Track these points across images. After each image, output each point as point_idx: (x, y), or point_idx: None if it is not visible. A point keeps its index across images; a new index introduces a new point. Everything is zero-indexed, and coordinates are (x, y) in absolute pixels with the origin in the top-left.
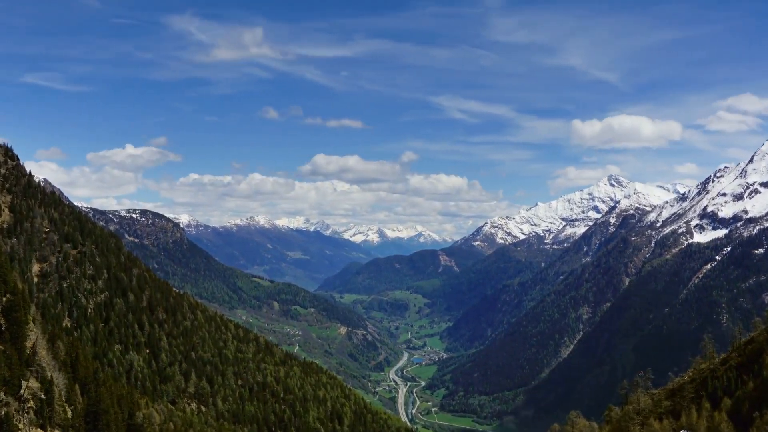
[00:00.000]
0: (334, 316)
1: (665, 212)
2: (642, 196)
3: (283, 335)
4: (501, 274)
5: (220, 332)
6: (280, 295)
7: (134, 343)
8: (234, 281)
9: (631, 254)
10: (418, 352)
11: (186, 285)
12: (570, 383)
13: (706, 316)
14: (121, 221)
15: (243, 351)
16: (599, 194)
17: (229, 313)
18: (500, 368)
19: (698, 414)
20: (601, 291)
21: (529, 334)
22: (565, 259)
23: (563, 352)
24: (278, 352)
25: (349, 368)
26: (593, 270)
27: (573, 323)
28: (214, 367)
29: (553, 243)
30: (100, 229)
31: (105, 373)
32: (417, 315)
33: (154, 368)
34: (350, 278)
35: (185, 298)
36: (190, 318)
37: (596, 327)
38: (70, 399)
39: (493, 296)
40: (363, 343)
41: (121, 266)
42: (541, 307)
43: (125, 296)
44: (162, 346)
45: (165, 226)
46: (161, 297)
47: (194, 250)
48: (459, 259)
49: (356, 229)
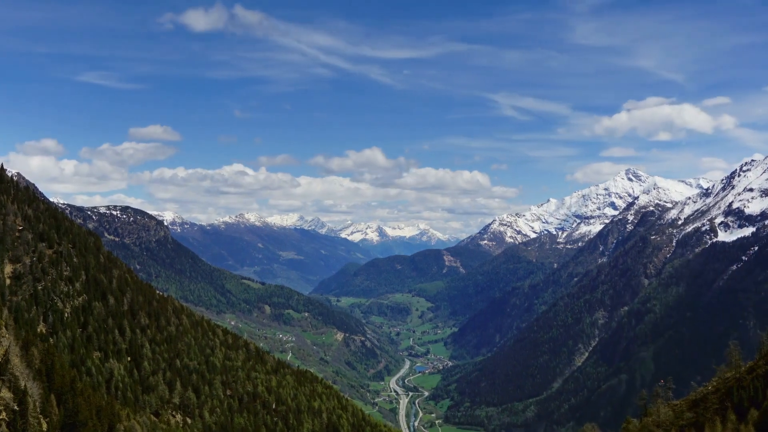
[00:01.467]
0: (330, 321)
1: (687, 209)
2: (662, 192)
3: (275, 342)
4: (510, 275)
5: (207, 338)
6: (272, 298)
7: (114, 350)
8: (222, 283)
9: (650, 254)
10: (421, 359)
11: (170, 287)
12: (585, 393)
13: (731, 320)
14: (100, 219)
15: (232, 359)
16: (616, 189)
17: (217, 317)
18: (509, 377)
19: (723, 426)
20: (618, 294)
21: (541, 340)
22: (579, 259)
23: (577, 359)
24: (270, 360)
25: (346, 377)
26: (610, 271)
27: (588, 329)
28: (201, 376)
29: (566, 242)
30: (77, 227)
31: (83, 382)
32: (419, 320)
33: (136, 377)
34: (348, 280)
35: (169, 301)
36: (175, 323)
37: (613, 333)
38: (45, 410)
39: (502, 299)
40: (361, 350)
41: (100, 267)
42: (553, 311)
43: (105, 299)
44: (144, 354)
45: (148, 223)
46: (144, 300)
47: (179, 250)
48: (465, 260)
49: (354, 227)
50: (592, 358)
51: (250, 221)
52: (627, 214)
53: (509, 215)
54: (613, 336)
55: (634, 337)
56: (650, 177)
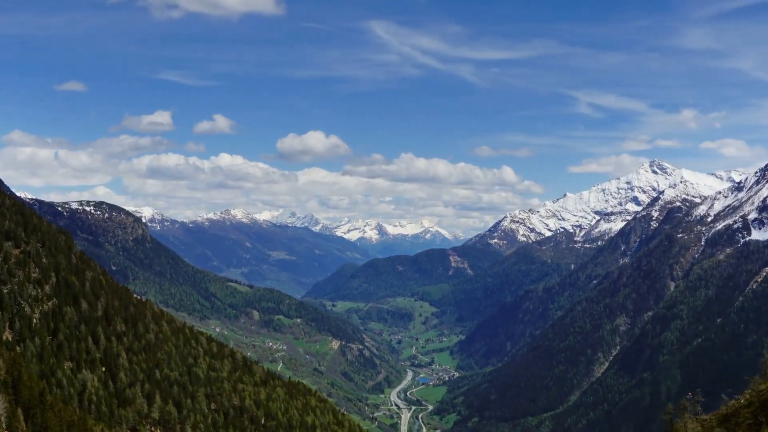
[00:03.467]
0: (325, 327)
1: (717, 204)
2: (690, 186)
3: (264, 350)
4: (523, 277)
5: (189, 347)
6: (261, 302)
7: (88, 359)
8: (206, 286)
9: (677, 254)
10: (425, 370)
11: (149, 291)
12: (605, 407)
13: (766, 327)
14: (72, 215)
15: (217, 369)
16: (639, 183)
17: (201, 323)
18: (522, 390)
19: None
20: (641, 298)
21: (556, 349)
22: (598, 259)
23: (597, 370)
24: (258, 371)
25: (342, 389)
26: (632, 273)
27: (608, 336)
28: (183, 388)
29: (584, 241)
30: (47, 224)
31: (53, 395)
32: (423, 326)
33: (112, 389)
34: (344, 283)
35: (148, 306)
36: (154, 330)
37: (636, 340)
38: (11, 425)
39: (514, 304)
40: (359, 360)
41: (72, 268)
42: (570, 316)
43: (77, 304)
44: (120, 364)
45: (124, 221)
46: (120, 305)
47: (159, 250)
48: (473, 260)
49: (351, 224)
50: (612, 369)
51: (236, 218)
52: (651, 210)
53: (522, 211)
54: (635, 344)
55: (658, 345)
56: (676, 169)
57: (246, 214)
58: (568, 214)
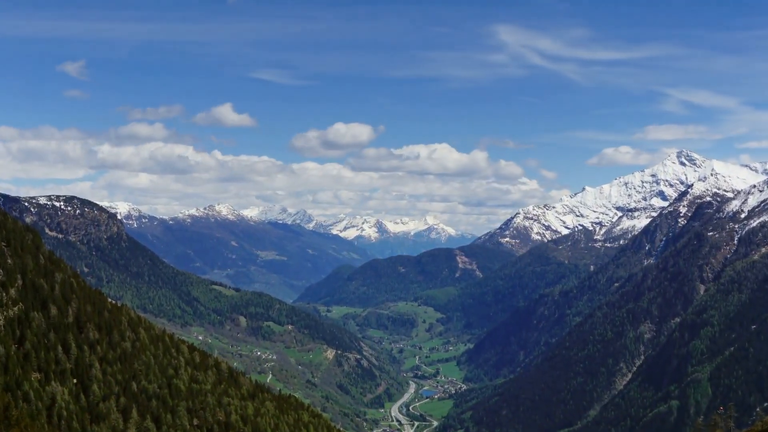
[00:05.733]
0: (319, 335)
1: (752, 199)
2: (722, 179)
3: (252, 360)
4: (537, 280)
5: (169, 356)
6: (248, 307)
7: (57, 370)
8: (188, 289)
9: (707, 254)
10: (429, 382)
11: (125, 294)
12: (628, 423)
13: None
14: (40, 211)
15: (199, 381)
16: (666, 176)
17: (182, 331)
18: (536, 404)
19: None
20: (667, 303)
21: (574, 358)
22: (620, 260)
23: (618, 382)
24: (245, 383)
25: (338, 403)
26: (658, 275)
27: (631, 345)
28: (162, 401)
29: (605, 239)
30: (12, 221)
31: (19, 409)
32: (427, 334)
33: (84, 403)
34: (340, 286)
35: (124, 311)
36: (131, 338)
37: (662, 349)
38: None
39: (527, 309)
40: (357, 371)
41: (40, 270)
42: (589, 323)
43: (46, 309)
44: (93, 375)
45: (98, 217)
46: (93, 310)
47: (136, 249)
48: (482, 261)
49: (348, 221)
50: (636, 381)
51: (221, 214)
52: (679, 206)
53: (536, 207)
54: (661, 353)
55: (687, 354)
56: (707, 161)
57: (232, 209)
58: (586, 209)
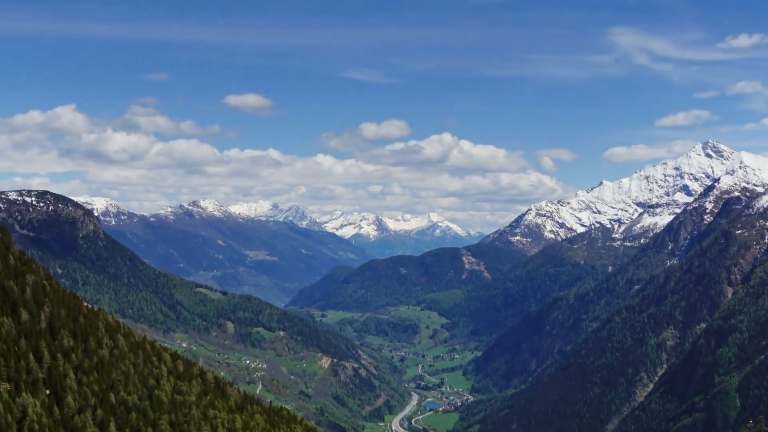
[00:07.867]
0: (314, 342)
1: None
2: (751, 172)
3: (240, 369)
4: (550, 282)
5: (150, 365)
6: (237, 312)
7: (29, 380)
8: (170, 292)
9: (735, 254)
10: (433, 393)
11: (103, 298)
12: None
13: None
14: (9, 207)
15: (183, 392)
16: (690, 169)
17: (164, 337)
18: (549, 417)
19: None
20: (692, 307)
21: (591, 368)
22: (641, 260)
23: (639, 393)
24: (233, 394)
25: (334, 416)
26: (682, 276)
27: (653, 353)
28: (143, 414)
29: (624, 238)
30: None
31: None
32: (431, 341)
33: (57, 416)
34: (336, 288)
35: (101, 316)
36: (109, 345)
37: (686, 358)
38: None
39: (540, 314)
40: (354, 381)
41: (10, 271)
42: (607, 329)
43: (16, 314)
44: (68, 385)
45: (73, 214)
46: (67, 315)
47: (114, 249)
48: (491, 261)
49: (345, 218)
50: (658, 391)
51: (207, 210)
52: (704, 202)
53: (549, 203)
54: (686, 362)
55: (713, 363)
56: (735, 152)
57: (218, 206)
58: (604, 206)
